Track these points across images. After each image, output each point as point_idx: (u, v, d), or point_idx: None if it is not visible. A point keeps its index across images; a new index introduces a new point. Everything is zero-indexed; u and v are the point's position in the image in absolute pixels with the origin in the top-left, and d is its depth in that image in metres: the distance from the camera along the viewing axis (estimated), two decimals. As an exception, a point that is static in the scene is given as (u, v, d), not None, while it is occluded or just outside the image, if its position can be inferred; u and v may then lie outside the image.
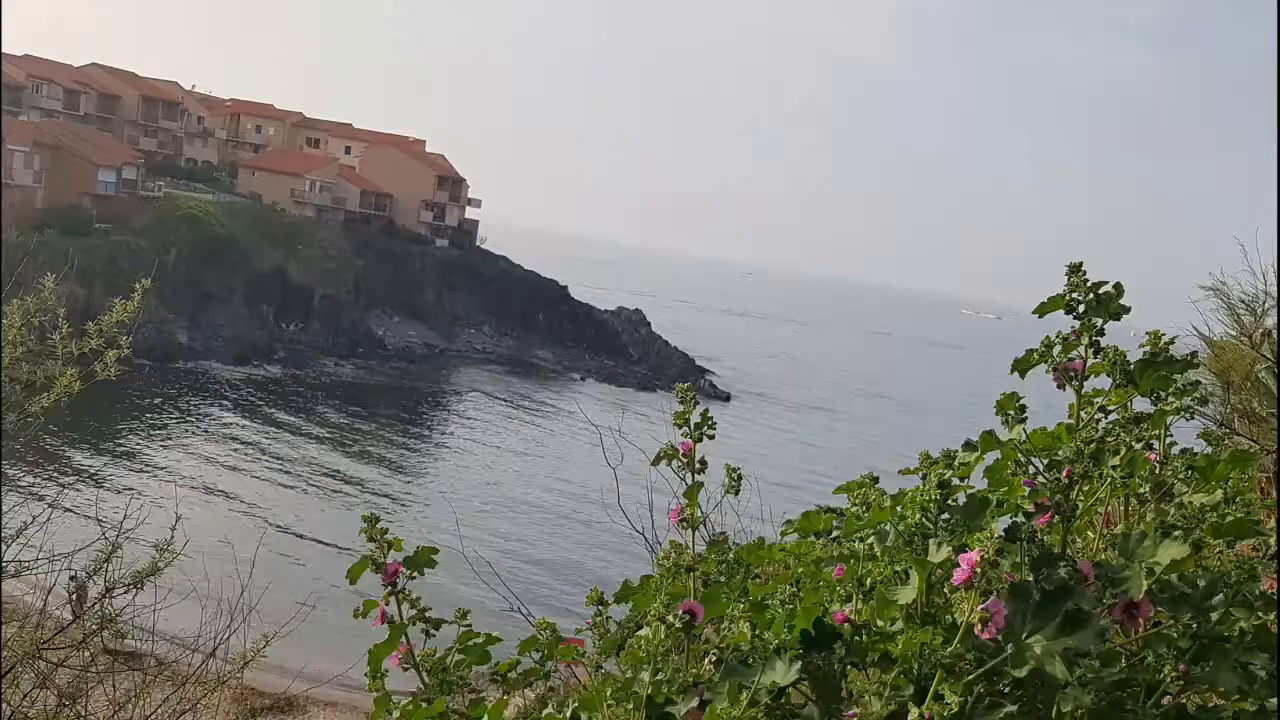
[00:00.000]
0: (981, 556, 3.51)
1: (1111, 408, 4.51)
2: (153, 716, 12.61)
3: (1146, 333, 4.61)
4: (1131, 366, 4.47)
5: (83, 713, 12.07)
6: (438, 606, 4.65)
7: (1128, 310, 4.42)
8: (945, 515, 4.25)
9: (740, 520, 12.67)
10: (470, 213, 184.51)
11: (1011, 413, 4.49)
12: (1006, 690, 3.94)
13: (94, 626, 11.93)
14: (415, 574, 4.53)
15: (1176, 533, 4.03)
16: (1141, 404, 4.60)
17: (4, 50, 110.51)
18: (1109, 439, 4.26)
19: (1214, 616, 3.99)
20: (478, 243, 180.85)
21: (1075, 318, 4.46)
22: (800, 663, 4.12)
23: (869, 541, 4.42)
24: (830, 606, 4.42)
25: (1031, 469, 4.36)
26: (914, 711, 3.55)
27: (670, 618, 4.09)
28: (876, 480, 4.92)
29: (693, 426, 4.53)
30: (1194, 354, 4.62)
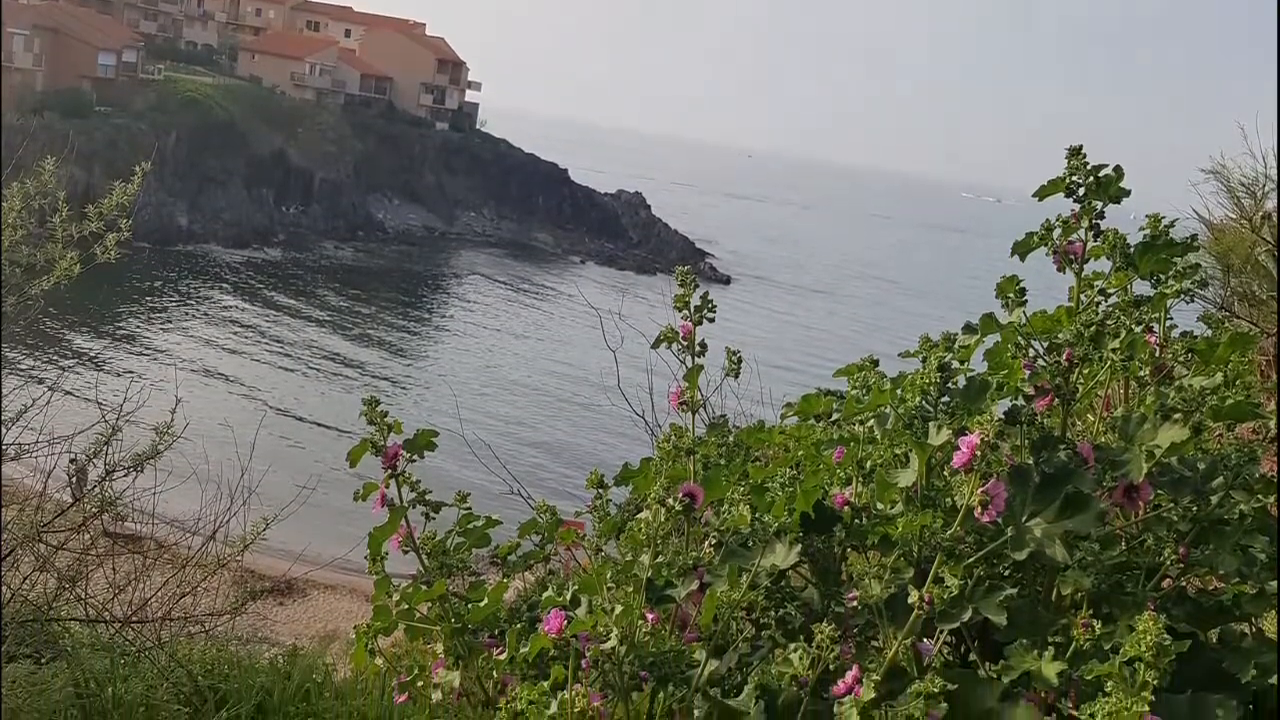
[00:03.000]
0: (981, 439, 3.50)
1: (1111, 291, 4.49)
2: (153, 599, 12.65)
3: (1146, 216, 4.59)
4: (1131, 249, 4.45)
5: (83, 595, 12.10)
6: (437, 489, 4.65)
7: (1128, 193, 4.40)
8: (945, 398, 4.24)
9: (740, 403, 12.66)
10: (470, 96, 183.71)
11: (1011, 296, 4.47)
12: (1006, 573, 3.95)
13: (94, 509, 11.94)
14: (415, 457, 4.53)
15: (1176, 415, 4.03)
16: (1141, 287, 4.59)
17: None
18: (1109, 322, 4.24)
19: (1214, 499, 3.99)
20: (477, 126, 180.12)
21: (1075, 201, 4.44)
22: (800, 546, 4.14)
23: (869, 424, 4.42)
24: (830, 489, 4.43)
25: (1031, 352, 4.35)
26: (914, 594, 3.56)
27: (670, 501, 4.09)
28: (876, 363, 4.92)
29: (693, 309, 4.52)
30: (1194, 237, 4.60)
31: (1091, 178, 4.39)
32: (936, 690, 3.33)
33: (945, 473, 4.12)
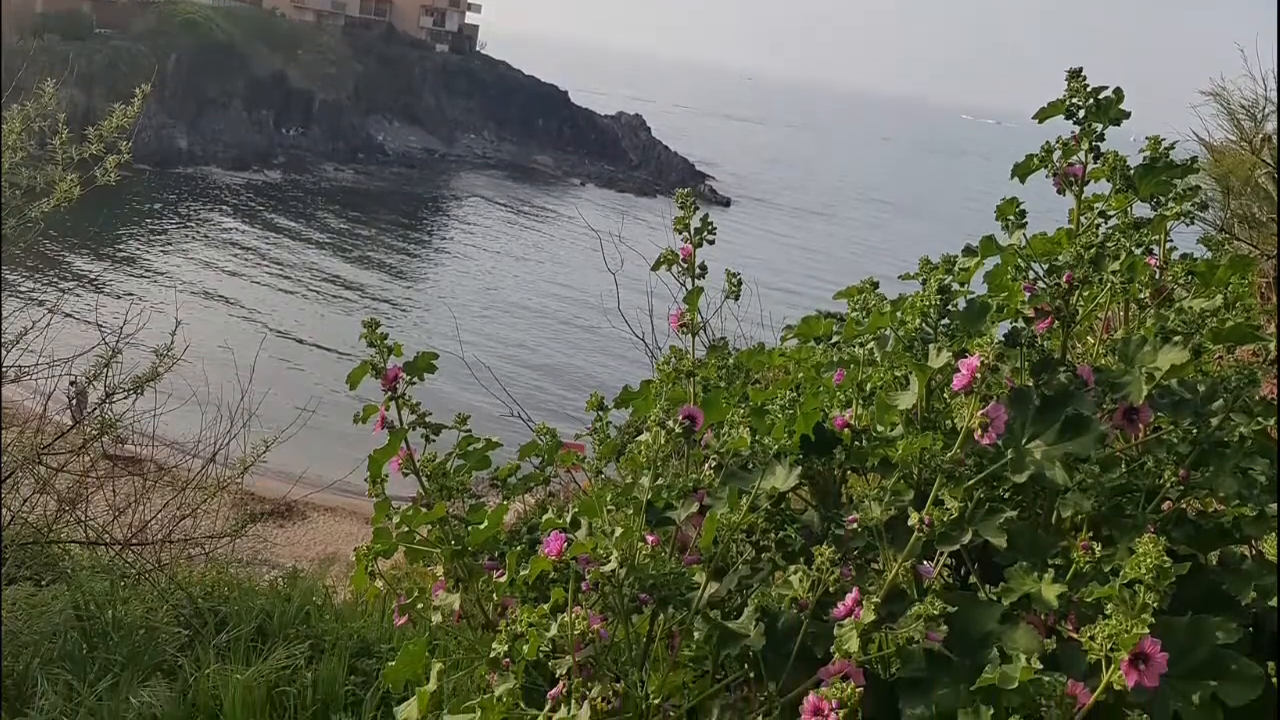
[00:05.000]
0: (981, 362, 3.50)
1: (1111, 213, 4.49)
2: (153, 521, 12.70)
3: (1146, 138, 4.58)
4: (1131, 171, 4.44)
5: (83, 517, 12.15)
6: (437, 412, 4.65)
7: (1128, 115, 4.39)
8: (945, 320, 4.24)
9: (740, 325, 12.67)
10: (470, 18, 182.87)
11: (1011, 218, 4.46)
12: (1006, 495, 3.95)
13: (94, 432, 11.97)
14: (415, 379, 4.53)
15: (1176, 338, 4.03)
16: (1141, 209, 4.59)
17: None
18: (1109, 244, 4.24)
19: (1214, 422, 4.00)
20: (477, 48, 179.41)
21: (1075, 123, 4.43)
22: (800, 468, 4.13)
23: (869, 347, 4.42)
24: (830, 412, 4.43)
25: (1031, 274, 4.34)
26: (913, 516, 3.56)
27: (670, 423, 4.08)
28: (877, 285, 4.91)
29: (693, 231, 4.50)
30: (1194, 159, 4.60)
31: (1091, 100, 4.38)
32: (936, 612, 3.33)
33: (945, 395, 4.12)
